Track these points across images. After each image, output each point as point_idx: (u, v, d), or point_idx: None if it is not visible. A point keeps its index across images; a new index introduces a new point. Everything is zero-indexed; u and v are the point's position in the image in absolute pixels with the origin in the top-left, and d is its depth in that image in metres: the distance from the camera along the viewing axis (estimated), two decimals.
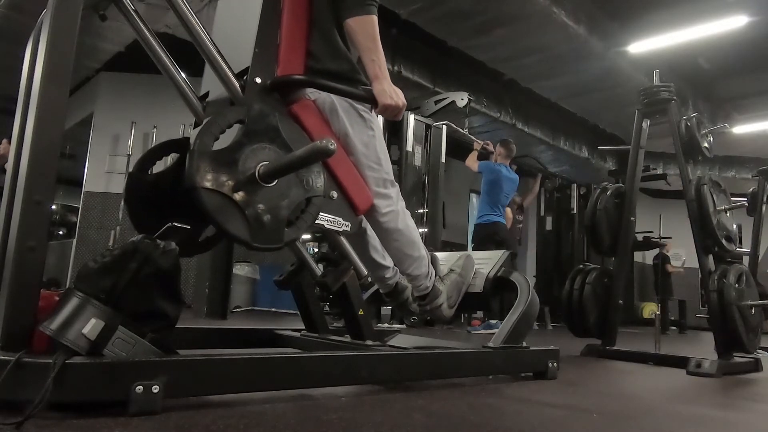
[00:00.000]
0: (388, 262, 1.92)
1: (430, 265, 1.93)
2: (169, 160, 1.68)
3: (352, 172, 1.70)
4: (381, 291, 2.02)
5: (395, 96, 1.60)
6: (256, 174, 1.38)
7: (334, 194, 1.64)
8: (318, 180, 1.52)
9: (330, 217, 1.63)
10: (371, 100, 1.62)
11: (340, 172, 1.66)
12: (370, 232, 1.87)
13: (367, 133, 1.73)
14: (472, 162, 5.66)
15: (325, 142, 1.31)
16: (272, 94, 1.55)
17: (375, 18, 1.61)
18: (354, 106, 1.70)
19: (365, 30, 1.60)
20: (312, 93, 1.66)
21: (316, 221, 1.56)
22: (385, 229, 1.80)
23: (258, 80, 1.51)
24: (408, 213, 1.86)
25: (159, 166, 1.66)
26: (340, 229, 1.67)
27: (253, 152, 1.40)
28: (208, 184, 1.32)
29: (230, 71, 1.49)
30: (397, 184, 1.84)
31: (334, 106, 1.67)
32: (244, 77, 1.51)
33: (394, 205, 1.79)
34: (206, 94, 1.69)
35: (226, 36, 1.68)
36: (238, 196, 1.36)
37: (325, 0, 1.65)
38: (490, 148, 5.55)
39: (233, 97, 1.50)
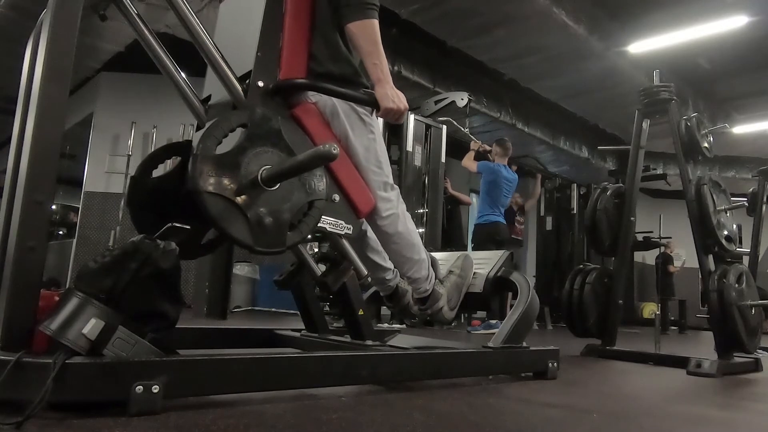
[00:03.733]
0: (388, 264, 1.91)
1: (431, 267, 1.93)
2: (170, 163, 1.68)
3: (354, 175, 1.70)
4: (381, 294, 2.02)
5: (397, 100, 1.61)
6: (259, 178, 1.39)
7: (336, 197, 1.65)
8: (320, 183, 1.52)
9: (332, 220, 1.63)
10: (373, 104, 1.63)
11: (342, 175, 1.66)
12: (371, 233, 1.87)
13: (367, 137, 1.73)
14: (468, 162, 5.65)
15: (328, 147, 1.32)
16: (274, 98, 1.55)
17: (376, 22, 1.61)
18: (355, 110, 1.70)
19: (366, 34, 1.61)
20: (313, 95, 1.66)
21: (319, 225, 1.56)
22: (384, 232, 1.80)
23: (260, 84, 1.52)
24: (408, 216, 1.86)
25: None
26: (342, 233, 1.67)
27: (255, 156, 1.41)
28: (211, 188, 1.32)
29: (233, 75, 1.50)
30: (397, 186, 1.84)
31: (335, 108, 1.68)
32: (247, 81, 1.51)
33: (394, 209, 1.79)
34: (209, 97, 1.69)
35: (229, 39, 1.68)
36: (241, 199, 1.36)
37: (327, 4, 1.65)
38: (488, 148, 5.56)
39: (236, 101, 1.50)
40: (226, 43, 1.60)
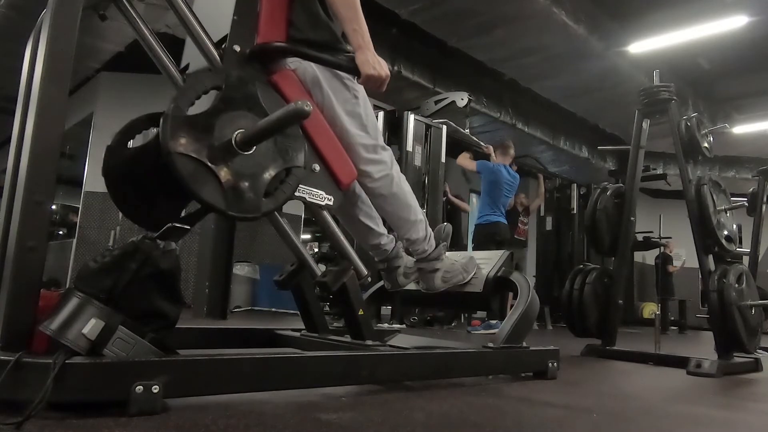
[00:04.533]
0: (381, 229, 1.91)
1: (428, 228, 1.92)
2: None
3: (336, 144, 1.67)
4: (375, 259, 2.01)
5: (378, 66, 1.56)
6: (233, 141, 1.35)
7: (317, 167, 1.62)
8: (299, 151, 1.49)
9: (312, 190, 1.61)
10: (353, 70, 1.58)
11: (323, 145, 1.63)
12: (364, 197, 1.85)
13: (351, 101, 1.70)
14: (464, 161, 5.65)
15: (301, 104, 1.28)
16: (251, 63, 1.52)
17: None
18: (337, 75, 1.67)
19: None
20: (292, 62, 1.63)
21: (297, 194, 1.54)
22: (379, 195, 1.78)
23: (236, 48, 1.49)
24: (403, 177, 1.84)
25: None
26: (323, 203, 1.64)
27: (230, 119, 1.37)
28: (181, 149, 1.28)
29: (208, 38, 1.48)
30: (389, 147, 1.81)
31: (316, 76, 1.65)
32: (223, 45, 1.49)
33: (387, 170, 1.77)
34: (187, 67, 1.67)
35: (207, 4, 1.66)
36: (214, 162, 1.32)
37: None
38: (490, 151, 5.57)
39: (211, 64, 1.47)
40: (204, 7, 1.58)
